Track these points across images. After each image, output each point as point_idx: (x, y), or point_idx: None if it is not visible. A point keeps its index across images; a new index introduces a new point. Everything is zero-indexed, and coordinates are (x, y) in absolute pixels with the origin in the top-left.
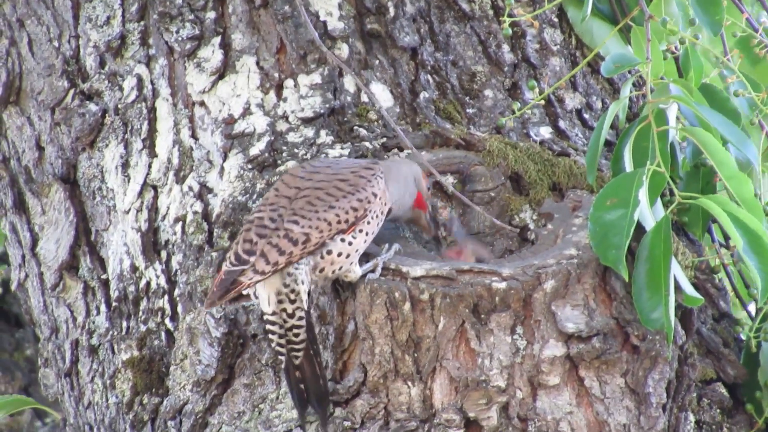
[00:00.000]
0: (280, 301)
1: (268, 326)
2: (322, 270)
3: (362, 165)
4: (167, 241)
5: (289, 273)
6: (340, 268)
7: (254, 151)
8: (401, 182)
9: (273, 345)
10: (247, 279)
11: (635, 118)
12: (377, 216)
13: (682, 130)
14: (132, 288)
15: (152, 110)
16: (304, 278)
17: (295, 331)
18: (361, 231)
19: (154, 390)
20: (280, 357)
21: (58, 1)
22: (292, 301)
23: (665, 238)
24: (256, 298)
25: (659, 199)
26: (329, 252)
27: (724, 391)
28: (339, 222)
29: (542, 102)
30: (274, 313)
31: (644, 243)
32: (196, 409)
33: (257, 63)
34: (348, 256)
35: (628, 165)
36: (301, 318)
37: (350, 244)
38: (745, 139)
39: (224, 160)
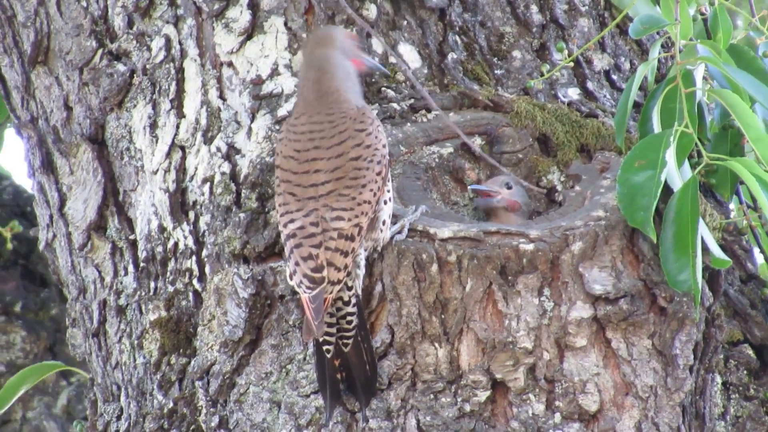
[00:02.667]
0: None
1: None
2: (379, 239)
3: (351, 120)
4: (195, 202)
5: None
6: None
7: (282, 111)
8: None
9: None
10: (329, 294)
11: (663, 79)
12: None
13: (710, 92)
14: (160, 248)
15: (180, 71)
16: (363, 262)
17: (348, 318)
18: (388, 181)
19: (181, 350)
20: (326, 347)
21: None
22: (350, 288)
23: (693, 199)
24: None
25: (687, 160)
26: (384, 222)
27: (751, 352)
28: (375, 193)
29: (570, 63)
30: None
31: (671, 204)
32: (224, 369)
33: (285, 23)
34: (390, 215)
35: (656, 126)
36: (354, 305)
37: (390, 200)
38: None
39: (252, 121)
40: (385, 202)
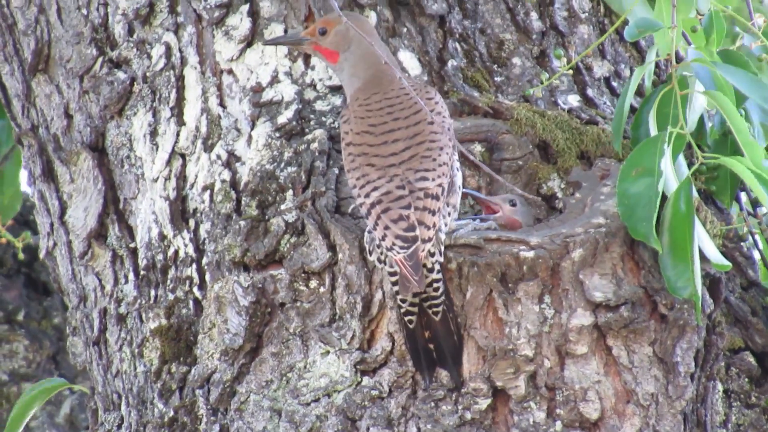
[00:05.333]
0: None
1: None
2: (457, 204)
3: (421, 92)
4: (195, 210)
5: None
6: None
7: (282, 119)
8: None
9: (404, 306)
10: (422, 252)
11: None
12: None
13: (705, 93)
14: (160, 256)
15: (180, 78)
16: (444, 228)
17: (435, 285)
18: (454, 150)
19: (182, 359)
20: (409, 318)
21: None
22: (432, 254)
23: (687, 202)
24: (381, 263)
25: (687, 167)
26: (459, 187)
27: (752, 359)
28: (450, 156)
29: (570, 70)
30: None
31: (666, 209)
32: (224, 377)
33: (285, 31)
34: (461, 183)
35: (653, 131)
36: (439, 271)
37: (459, 169)
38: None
39: (252, 129)
40: (457, 169)
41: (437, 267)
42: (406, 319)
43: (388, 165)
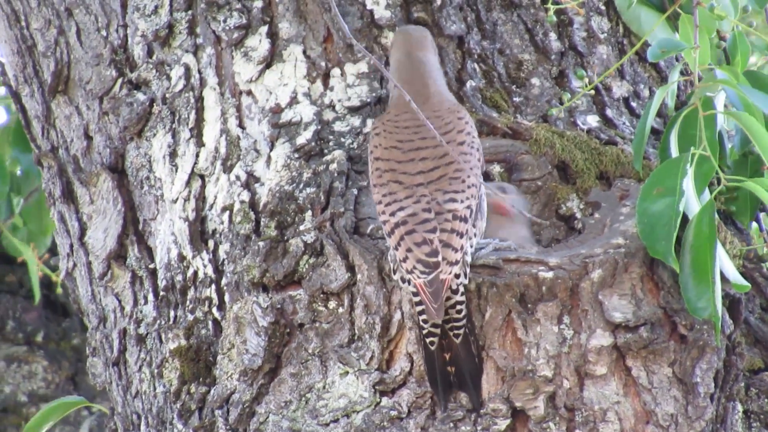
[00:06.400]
0: None
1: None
2: (482, 229)
3: (453, 113)
4: (214, 231)
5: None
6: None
7: (301, 140)
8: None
9: (426, 327)
10: (447, 275)
11: (683, 106)
12: None
13: (727, 114)
14: (179, 277)
15: (200, 99)
16: (470, 251)
17: (458, 307)
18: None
19: (201, 379)
20: (430, 339)
21: None
22: (457, 276)
23: (710, 225)
24: (405, 282)
25: (707, 188)
26: (484, 211)
27: None
28: (478, 177)
29: (591, 91)
30: None
31: (689, 230)
32: (243, 398)
33: (304, 52)
34: (485, 207)
35: (674, 153)
36: (463, 293)
37: (486, 194)
38: None
39: (271, 150)
40: (486, 195)
41: (461, 289)
42: (427, 340)
43: (416, 184)
